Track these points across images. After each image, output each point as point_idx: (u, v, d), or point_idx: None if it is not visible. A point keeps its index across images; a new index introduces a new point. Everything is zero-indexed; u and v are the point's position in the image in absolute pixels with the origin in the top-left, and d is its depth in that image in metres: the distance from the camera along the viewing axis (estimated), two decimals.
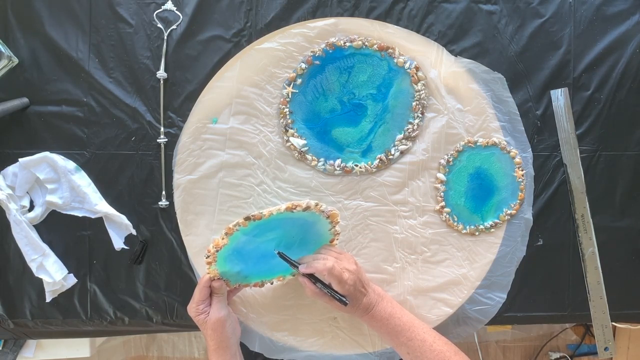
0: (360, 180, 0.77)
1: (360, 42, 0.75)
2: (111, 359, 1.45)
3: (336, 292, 0.66)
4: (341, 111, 0.76)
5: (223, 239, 0.65)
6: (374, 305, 0.69)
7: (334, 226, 0.71)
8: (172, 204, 0.76)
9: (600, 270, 0.78)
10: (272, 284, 0.75)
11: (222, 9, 0.75)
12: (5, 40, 0.74)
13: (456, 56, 0.76)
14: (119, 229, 0.76)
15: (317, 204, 0.67)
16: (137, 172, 0.76)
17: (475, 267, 0.77)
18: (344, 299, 0.65)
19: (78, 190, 0.74)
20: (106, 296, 0.77)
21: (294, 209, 0.65)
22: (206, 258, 0.66)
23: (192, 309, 0.69)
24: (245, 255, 0.69)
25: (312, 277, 0.67)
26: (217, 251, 0.65)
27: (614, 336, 1.32)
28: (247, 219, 0.64)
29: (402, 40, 0.76)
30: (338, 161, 0.76)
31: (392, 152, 0.76)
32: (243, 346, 0.75)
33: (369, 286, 0.69)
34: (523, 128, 0.77)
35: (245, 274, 0.71)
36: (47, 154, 0.74)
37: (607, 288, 0.78)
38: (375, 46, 0.75)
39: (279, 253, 0.68)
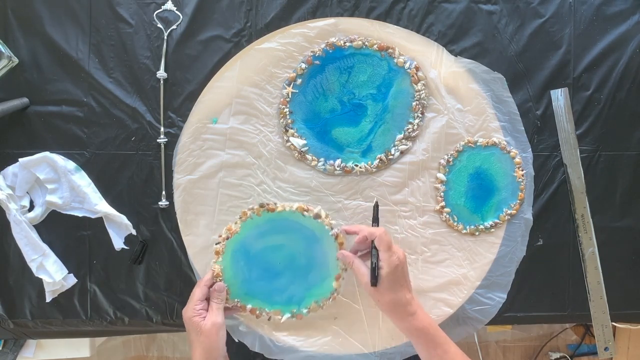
0: (360, 180, 0.77)
1: (360, 42, 0.75)
2: (111, 359, 1.45)
3: (376, 269, 0.64)
4: (341, 111, 0.76)
5: (236, 223, 0.68)
6: (417, 308, 0.65)
7: (339, 245, 0.71)
8: (172, 204, 0.76)
9: (600, 270, 0.78)
10: (269, 319, 0.73)
11: (222, 9, 0.75)
12: (5, 40, 0.74)
13: (456, 56, 0.76)
14: (119, 229, 0.76)
15: (327, 215, 0.70)
16: (137, 172, 0.76)
17: (475, 267, 0.77)
18: (376, 279, 0.63)
19: (78, 190, 0.74)
20: (106, 296, 0.77)
21: (305, 211, 0.69)
22: (216, 244, 0.69)
23: (190, 308, 0.66)
24: (251, 259, 0.70)
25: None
26: (227, 238, 0.68)
27: (614, 336, 1.32)
28: (262, 206, 0.69)
29: (402, 40, 0.76)
30: (338, 161, 0.76)
31: (392, 152, 0.76)
32: (243, 346, 0.75)
33: (411, 288, 0.66)
34: (523, 128, 0.77)
35: (246, 289, 0.71)
36: (47, 154, 0.74)
37: (607, 288, 0.78)
38: (375, 46, 0.75)
39: (375, 204, 0.70)
